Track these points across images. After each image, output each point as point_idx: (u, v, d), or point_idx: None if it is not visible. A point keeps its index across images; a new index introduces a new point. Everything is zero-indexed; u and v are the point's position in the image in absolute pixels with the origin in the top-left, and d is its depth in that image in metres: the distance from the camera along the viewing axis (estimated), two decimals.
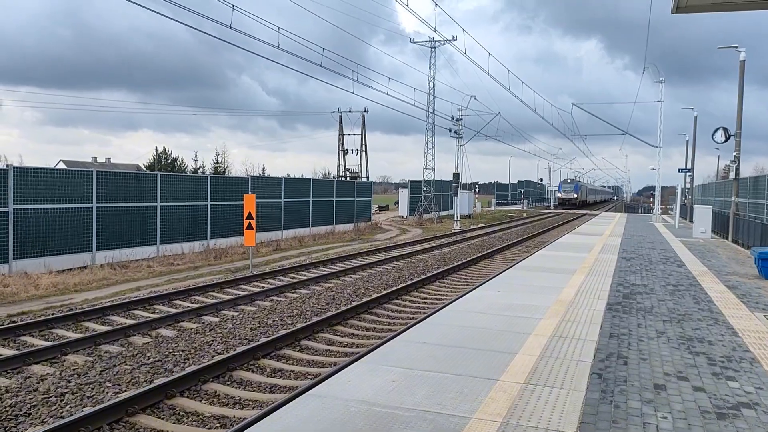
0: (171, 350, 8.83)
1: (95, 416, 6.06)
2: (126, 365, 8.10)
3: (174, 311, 11.32)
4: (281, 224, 26.00)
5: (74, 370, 7.85)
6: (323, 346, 9.40)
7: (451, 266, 17.57)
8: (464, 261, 18.92)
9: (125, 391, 7.10)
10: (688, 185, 43.95)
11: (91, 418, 6.01)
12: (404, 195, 46.55)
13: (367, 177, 55.80)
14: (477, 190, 65.78)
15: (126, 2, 12.38)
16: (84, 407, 6.61)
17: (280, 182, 26.46)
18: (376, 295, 12.78)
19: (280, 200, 25.92)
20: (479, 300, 8.72)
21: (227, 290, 13.77)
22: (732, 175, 23.03)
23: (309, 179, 29.91)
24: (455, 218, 37.35)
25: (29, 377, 7.64)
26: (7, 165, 15.06)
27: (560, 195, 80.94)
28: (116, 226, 17.62)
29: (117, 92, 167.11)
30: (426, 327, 7.08)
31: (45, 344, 9.03)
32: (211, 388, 7.35)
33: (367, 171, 56.81)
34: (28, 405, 6.67)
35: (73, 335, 9.77)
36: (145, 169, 65.36)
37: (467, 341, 6.36)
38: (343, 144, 56.98)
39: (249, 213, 16.30)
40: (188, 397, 7.05)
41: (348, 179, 53.54)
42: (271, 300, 12.76)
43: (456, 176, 38.20)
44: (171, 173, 39.05)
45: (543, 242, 25.84)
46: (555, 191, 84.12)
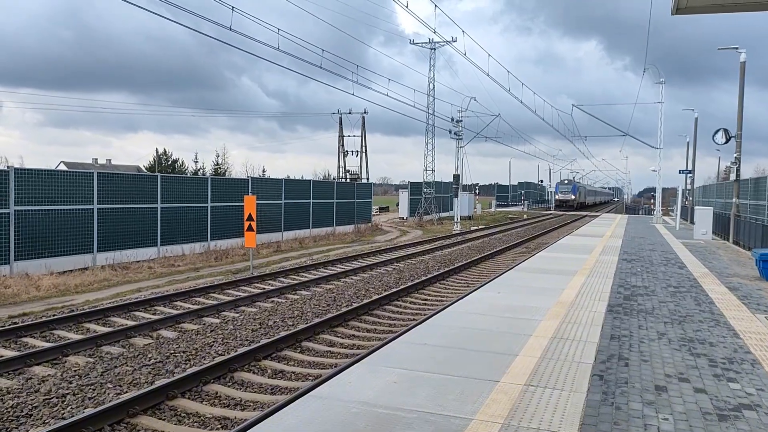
0: (172, 351, 8.84)
1: (96, 417, 6.07)
2: (127, 366, 8.11)
3: (175, 312, 11.33)
4: (281, 226, 26.01)
5: (75, 371, 7.86)
6: (324, 348, 9.40)
7: (452, 268, 17.57)
8: (465, 262, 18.92)
9: (126, 392, 7.11)
10: (689, 186, 43.95)
11: (93, 419, 6.02)
12: (404, 196, 46.53)
13: (367, 178, 55.88)
14: (477, 192, 65.76)
15: (126, 4, 12.41)
16: (85, 408, 6.62)
17: (281, 184, 26.48)
18: (377, 297, 12.78)
19: (281, 202, 25.93)
20: (480, 301, 8.72)
21: (228, 291, 13.78)
22: (733, 177, 23.03)
23: (309, 181, 29.92)
24: (455, 220, 37.36)
25: (31, 378, 7.66)
26: (8, 166, 15.09)
27: (557, 196, 78.78)
28: (117, 228, 17.64)
29: (117, 94, 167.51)
30: (427, 328, 7.08)
31: (46, 345, 9.05)
32: (213, 389, 7.36)
33: (367, 172, 56.91)
34: (30, 406, 6.68)
35: (75, 336, 9.78)
36: (146, 171, 65.41)
37: (468, 343, 6.36)
38: (343, 145, 57.08)
39: (249, 214, 16.32)
40: (189, 398, 7.06)
41: (348, 181, 53.60)
42: (272, 301, 12.76)
43: (456, 178, 38.20)
44: (172, 175, 39.13)
45: (543, 244, 25.84)
46: (553, 192, 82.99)
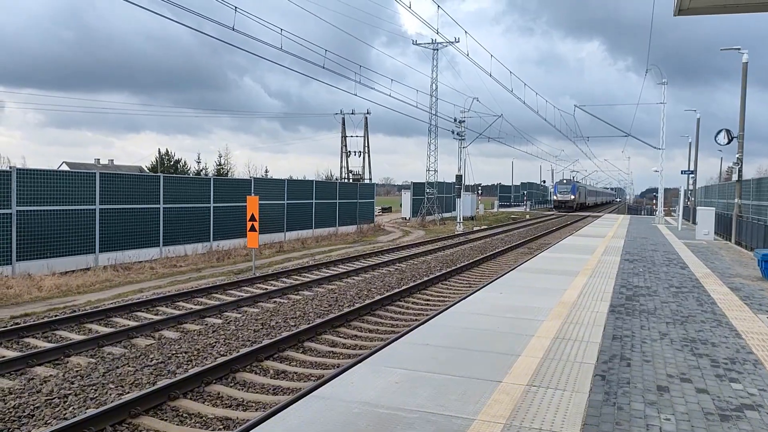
0: (174, 352, 8.84)
1: (98, 418, 6.08)
2: (129, 367, 8.11)
3: (177, 313, 11.33)
4: (284, 226, 26.02)
5: (77, 372, 7.87)
6: (326, 348, 9.40)
7: (454, 268, 17.56)
8: (467, 263, 18.91)
9: (128, 393, 7.11)
10: (691, 187, 43.86)
11: (95, 420, 6.03)
12: (407, 197, 46.51)
13: (370, 179, 55.92)
14: (480, 192, 65.75)
15: (128, 4, 12.42)
16: (87, 409, 6.62)
17: (283, 184, 26.49)
18: (379, 297, 12.78)
19: (283, 202, 25.94)
20: (482, 302, 8.71)
21: (230, 292, 13.78)
22: (735, 177, 22.97)
23: (312, 181, 29.92)
24: (458, 220, 37.33)
25: (32, 379, 7.67)
26: (10, 167, 15.12)
27: (555, 197, 73.52)
28: (119, 228, 17.67)
29: (119, 94, 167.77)
30: (429, 329, 7.07)
31: (48, 346, 9.06)
32: (215, 390, 7.36)
33: (370, 173, 56.96)
34: (32, 406, 6.69)
35: (76, 337, 9.79)
36: (148, 171, 65.49)
37: (470, 343, 6.35)
38: (346, 146, 57.09)
39: (252, 215, 16.33)
40: (191, 399, 7.06)
41: (351, 181, 53.61)
42: (274, 302, 12.76)
43: (459, 178, 38.17)
44: (174, 175, 39.14)
45: (546, 244, 25.82)
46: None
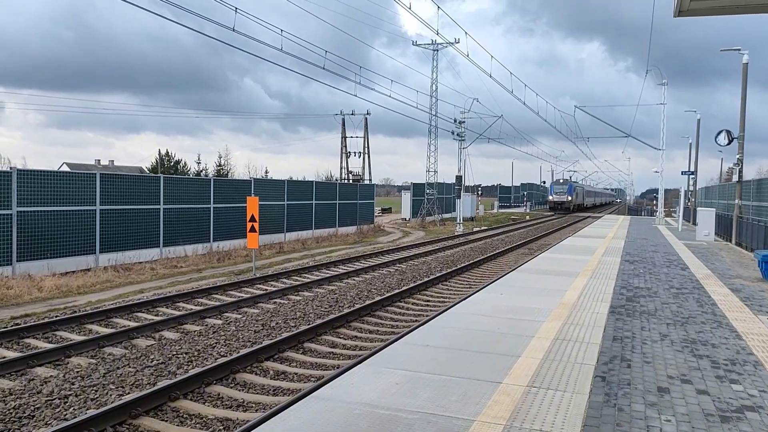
0: (174, 352, 8.85)
1: (99, 418, 6.08)
2: (129, 367, 8.12)
3: (177, 314, 11.34)
4: (284, 227, 26.02)
5: (78, 373, 7.87)
6: (326, 349, 9.40)
7: (454, 269, 17.56)
8: (467, 264, 18.92)
9: (129, 394, 7.12)
10: (692, 188, 43.87)
11: (95, 421, 6.03)
12: (407, 197, 46.52)
13: (370, 179, 55.89)
14: (480, 193, 65.67)
15: (128, 5, 12.43)
16: (87, 409, 6.62)
17: (283, 185, 26.48)
18: (379, 298, 12.78)
19: (283, 203, 25.94)
20: (482, 303, 8.72)
21: (230, 293, 13.79)
22: (735, 178, 22.98)
23: (312, 182, 29.91)
24: (458, 221, 37.33)
25: (33, 379, 7.67)
26: (11, 167, 15.14)
27: (551, 198, 68.61)
28: (119, 229, 17.67)
29: (119, 95, 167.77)
30: (429, 330, 7.08)
31: (48, 346, 9.06)
32: (215, 391, 7.36)
33: (370, 173, 56.93)
34: (32, 407, 6.69)
35: (77, 337, 9.79)
36: (149, 172, 65.53)
37: (470, 344, 6.35)
38: (346, 146, 57.09)
39: (252, 215, 16.34)
40: (192, 400, 7.06)
41: (351, 182, 53.62)
42: (275, 302, 12.77)
43: (459, 179, 38.17)
44: (174, 176, 39.16)
45: (546, 245, 25.82)
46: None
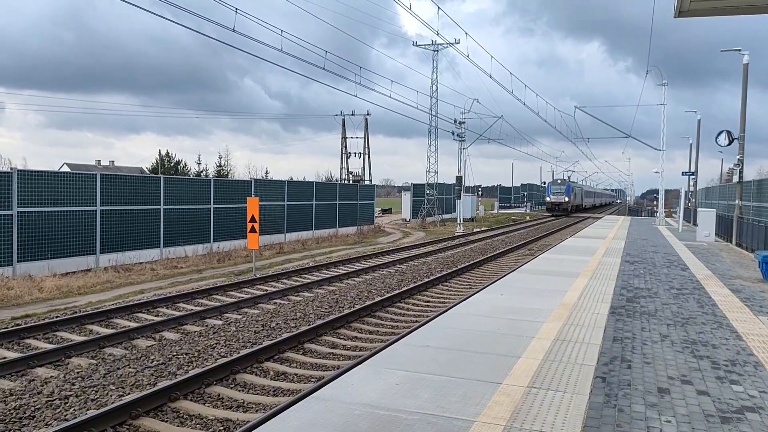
0: (174, 353, 8.85)
1: (99, 419, 6.08)
2: (130, 368, 8.12)
3: (177, 314, 11.34)
4: (284, 227, 26.02)
5: (78, 373, 7.88)
6: (327, 349, 9.40)
7: (454, 269, 17.56)
8: (467, 264, 18.91)
9: (129, 394, 7.12)
10: (692, 188, 43.86)
11: (95, 421, 6.03)
12: (407, 198, 46.51)
13: (370, 180, 55.87)
14: (480, 193, 65.67)
15: (128, 5, 12.42)
16: (88, 410, 6.63)
17: (283, 185, 26.49)
18: (380, 299, 12.78)
19: (283, 203, 25.94)
20: (482, 303, 8.72)
21: (231, 293, 13.79)
22: (736, 179, 22.97)
23: (312, 182, 29.91)
24: (458, 221, 37.33)
25: (33, 380, 7.67)
26: (11, 168, 15.15)
27: (548, 198, 65.63)
28: (120, 229, 17.68)
29: (120, 95, 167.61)
30: (429, 330, 7.07)
31: (49, 347, 9.06)
32: (215, 391, 7.37)
33: (370, 174, 56.91)
34: (33, 408, 6.69)
35: (77, 338, 9.79)
36: (149, 172, 65.55)
37: (470, 344, 6.35)
38: (346, 147, 57.08)
39: (252, 216, 16.34)
40: (192, 400, 7.06)
41: (351, 182, 53.62)
42: (275, 303, 12.77)
43: (459, 179, 38.18)
44: (174, 176, 39.14)
45: (546, 245, 25.82)
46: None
